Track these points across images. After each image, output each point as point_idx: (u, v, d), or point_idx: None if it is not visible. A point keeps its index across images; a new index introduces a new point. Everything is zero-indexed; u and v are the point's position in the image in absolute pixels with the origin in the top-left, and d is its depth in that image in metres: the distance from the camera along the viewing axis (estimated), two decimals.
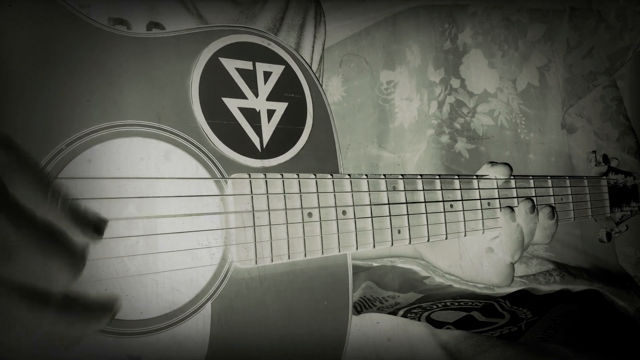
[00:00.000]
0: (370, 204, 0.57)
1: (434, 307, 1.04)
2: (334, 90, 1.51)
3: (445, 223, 0.63)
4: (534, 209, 0.67)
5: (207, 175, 0.49)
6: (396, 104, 1.52)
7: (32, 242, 0.31)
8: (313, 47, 0.89)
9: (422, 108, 1.50)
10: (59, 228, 0.33)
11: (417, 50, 1.50)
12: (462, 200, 0.65)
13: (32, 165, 0.33)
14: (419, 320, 0.96)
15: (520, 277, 1.20)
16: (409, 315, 0.99)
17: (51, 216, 0.33)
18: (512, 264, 0.68)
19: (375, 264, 1.29)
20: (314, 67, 0.91)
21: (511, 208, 0.67)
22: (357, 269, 1.27)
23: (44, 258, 0.32)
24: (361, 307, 1.07)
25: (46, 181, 0.33)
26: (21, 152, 0.33)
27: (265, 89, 0.54)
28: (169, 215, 0.46)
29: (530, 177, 0.73)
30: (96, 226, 0.36)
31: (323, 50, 0.93)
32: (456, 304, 1.05)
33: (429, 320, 0.95)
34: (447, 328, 0.88)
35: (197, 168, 0.48)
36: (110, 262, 0.42)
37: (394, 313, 1.01)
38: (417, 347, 0.74)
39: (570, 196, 0.77)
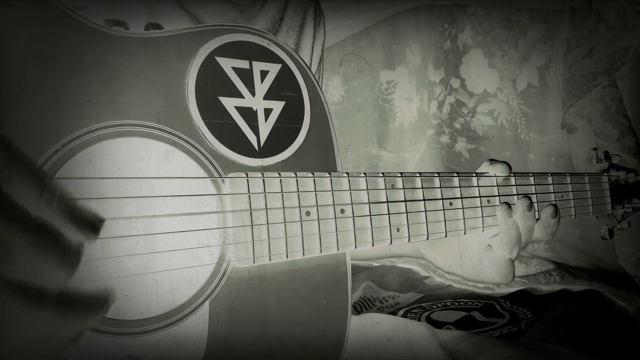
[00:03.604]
0: (369, 202, 0.57)
1: (434, 307, 1.03)
2: (334, 90, 1.50)
3: (445, 221, 0.63)
4: (531, 206, 0.68)
5: (204, 175, 0.49)
6: (396, 104, 1.52)
7: (24, 240, 0.31)
8: (312, 48, 0.89)
9: (422, 108, 1.49)
10: (52, 226, 0.33)
11: (417, 50, 1.50)
12: (461, 198, 0.65)
13: (27, 164, 0.33)
14: (419, 320, 0.95)
15: (520, 277, 1.20)
16: (409, 315, 0.99)
17: (46, 214, 0.33)
18: (512, 261, 0.68)
19: (375, 264, 1.29)
20: (314, 67, 0.91)
21: (508, 204, 0.67)
22: (357, 269, 1.27)
23: (36, 255, 0.32)
24: (361, 307, 1.07)
25: (42, 179, 0.34)
26: (16, 150, 0.33)
27: (262, 87, 0.54)
28: (167, 214, 0.46)
29: (531, 174, 0.73)
30: (92, 224, 0.36)
31: (322, 50, 0.93)
32: (456, 304, 1.04)
33: (429, 320, 0.95)
34: (447, 328, 0.88)
35: (195, 168, 0.49)
36: (110, 262, 0.42)
37: (394, 313, 1.01)
38: (417, 347, 0.73)
39: (571, 193, 0.77)
